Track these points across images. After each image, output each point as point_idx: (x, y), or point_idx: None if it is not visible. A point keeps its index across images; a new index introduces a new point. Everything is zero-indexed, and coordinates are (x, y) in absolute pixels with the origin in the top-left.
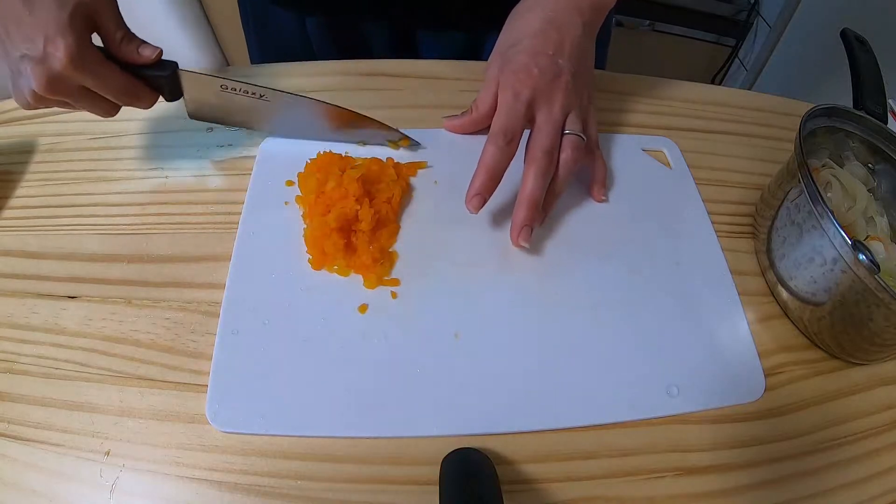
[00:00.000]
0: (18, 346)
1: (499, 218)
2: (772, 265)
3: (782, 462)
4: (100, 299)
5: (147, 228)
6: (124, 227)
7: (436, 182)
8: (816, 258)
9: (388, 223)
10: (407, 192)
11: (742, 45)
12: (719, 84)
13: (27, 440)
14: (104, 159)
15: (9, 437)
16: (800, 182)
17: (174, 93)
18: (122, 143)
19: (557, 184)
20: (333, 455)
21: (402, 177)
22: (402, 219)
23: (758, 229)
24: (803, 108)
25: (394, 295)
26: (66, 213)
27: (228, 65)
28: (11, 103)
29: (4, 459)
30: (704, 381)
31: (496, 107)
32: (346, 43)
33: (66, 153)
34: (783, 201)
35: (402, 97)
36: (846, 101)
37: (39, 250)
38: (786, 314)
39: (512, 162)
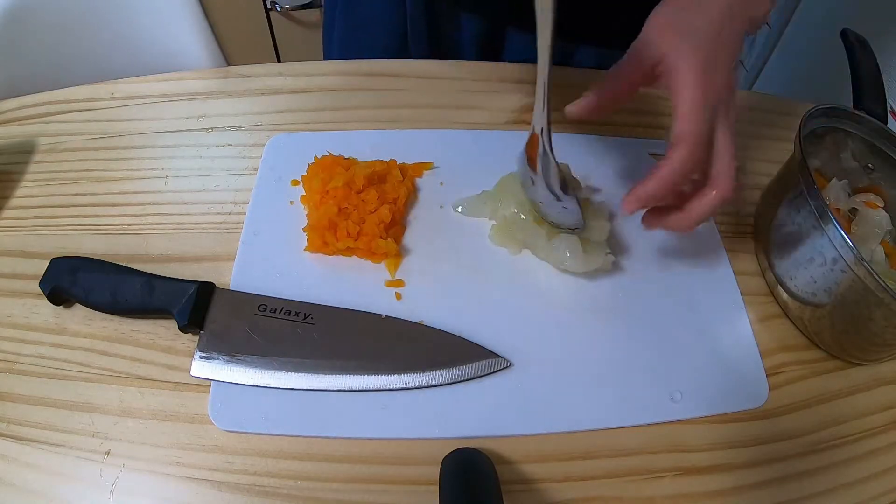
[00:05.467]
0: (18, 346)
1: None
2: (771, 265)
3: (782, 462)
4: None
5: (147, 228)
6: (124, 227)
7: (442, 183)
8: (816, 258)
9: (393, 224)
10: (413, 192)
11: None
12: None
13: (27, 440)
14: (104, 159)
15: (9, 437)
16: (800, 182)
17: None
18: (122, 143)
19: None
20: (333, 455)
21: (408, 177)
22: (408, 220)
23: (758, 229)
24: (803, 108)
25: (398, 296)
26: (66, 213)
27: (228, 64)
28: (11, 103)
29: (4, 459)
30: (708, 387)
31: (639, 83)
32: (440, 29)
33: (66, 153)
34: (783, 201)
35: (402, 97)
36: (846, 101)
37: (39, 250)
38: (786, 314)
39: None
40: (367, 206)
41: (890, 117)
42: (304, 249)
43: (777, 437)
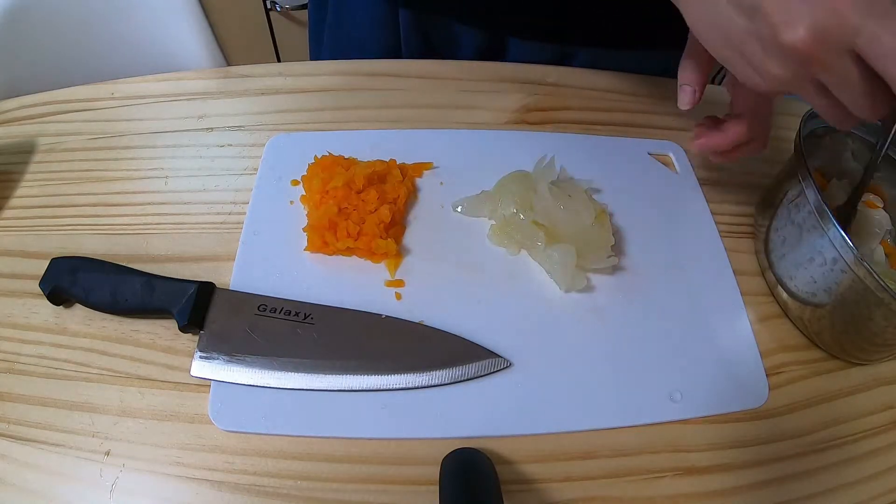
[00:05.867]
0: (18, 346)
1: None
2: (771, 265)
3: (782, 462)
4: None
5: (147, 228)
6: (124, 227)
7: (441, 183)
8: (816, 258)
9: (393, 224)
10: (413, 192)
11: None
12: (719, 84)
13: (27, 440)
14: (104, 159)
15: (9, 437)
16: (800, 182)
17: None
18: (122, 143)
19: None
20: (333, 455)
21: (408, 177)
22: (408, 220)
23: (758, 229)
24: (803, 108)
25: (398, 296)
26: (66, 213)
27: (228, 64)
28: (11, 103)
29: (4, 459)
30: (707, 387)
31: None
32: (434, 41)
33: (66, 153)
34: (783, 201)
35: (402, 97)
36: None
37: (39, 250)
38: (786, 314)
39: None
40: (367, 206)
41: None
42: (304, 249)
43: (777, 437)
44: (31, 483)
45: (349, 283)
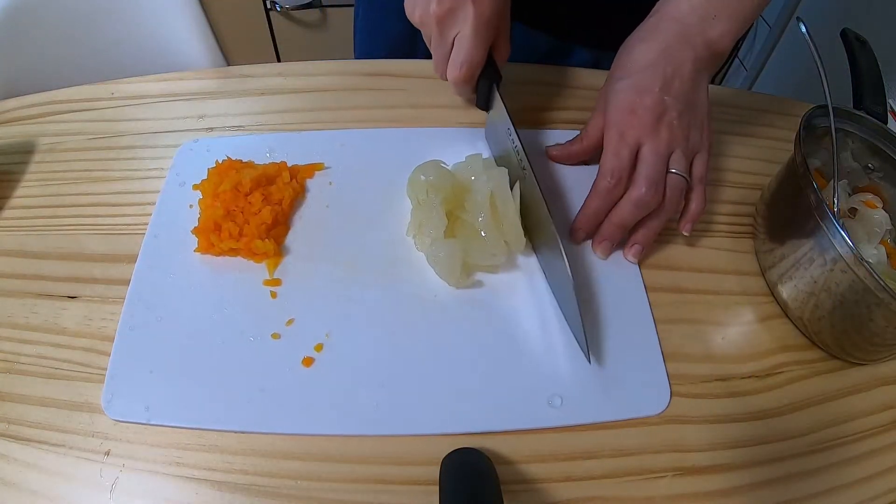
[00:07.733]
0: (18, 346)
1: (386, 219)
2: (772, 265)
3: (782, 462)
4: (100, 299)
5: (147, 228)
6: (124, 227)
7: (331, 183)
8: (816, 258)
9: (276, 224)
10: (301, 193)
11: (742, 45)
12: (719, 84)
13: (27, 440)
14: (104, 159)
15: (9, 437)
16: (799, 182)
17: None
18: (122, 143)
19: (658, 219)
20: (333, 455)
21: (297, 179)
22: (293, 220)
23: (758, 229)
24: (803, 108)
25: (273, 295)
26: (66, 213)
27: (228, 64)
28: (11, 103)
29: (4, 459)
30: (590, 392)
31: (603, 138)
32: None
33: (66, 153)
34: (783, 201)
35: (402, 97)
36: (846, 101)
37: (39, 250)
38: (786, 314)
39: None
40: (251, 209)
41: (890, 117)
42: (194, 251)
43: (777, 438)
44: (32, 483)
45: (231, 282)
